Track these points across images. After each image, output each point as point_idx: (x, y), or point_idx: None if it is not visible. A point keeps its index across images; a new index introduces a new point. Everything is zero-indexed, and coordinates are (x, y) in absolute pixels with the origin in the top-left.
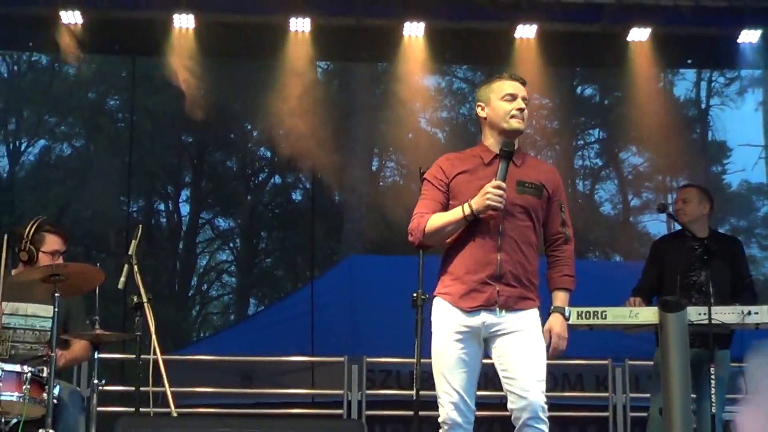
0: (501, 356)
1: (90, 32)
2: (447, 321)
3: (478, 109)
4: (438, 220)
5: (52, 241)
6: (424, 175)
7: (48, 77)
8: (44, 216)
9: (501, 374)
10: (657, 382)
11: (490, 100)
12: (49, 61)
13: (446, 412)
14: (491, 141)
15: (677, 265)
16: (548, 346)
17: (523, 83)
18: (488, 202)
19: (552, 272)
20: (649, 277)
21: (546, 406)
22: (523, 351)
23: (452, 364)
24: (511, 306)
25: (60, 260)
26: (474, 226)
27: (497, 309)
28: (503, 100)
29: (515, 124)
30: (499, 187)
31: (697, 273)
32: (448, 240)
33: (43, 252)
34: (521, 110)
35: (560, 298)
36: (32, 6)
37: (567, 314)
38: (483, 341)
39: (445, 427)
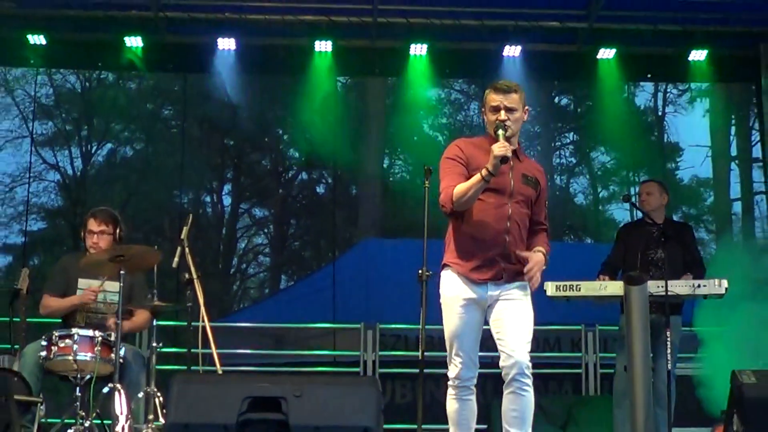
0: (496, 321)
1: (148, 53)
2: (456, 290)
3: (482, 113)
4: (462, 186)
5: (90, 223)
6: (444, 156)
7: (114, 91)
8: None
9: (495, 336)
10: (622, 344)
11: (484, 109)
12: (114, 78)
13: (457, 370)
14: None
15: (638, 245)
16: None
17: (507, 91)
18: (496, 153)
19: (534, 240)
20: (614, 256)
21: (530, 365)
22: (514, 317)
23: (461, 331)
24: (511, 280)
25: (98, 239)
26: (487, 208)
27: (503, 282)
28: (490, 112)
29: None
30: (503, 146)
31: (654, 251)
32: (463, 216)
33: (87, 233)
34: (503, 120)
35: (542, 249)
36: (100, 32)
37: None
38: (485, 310)
39: (456, 382)
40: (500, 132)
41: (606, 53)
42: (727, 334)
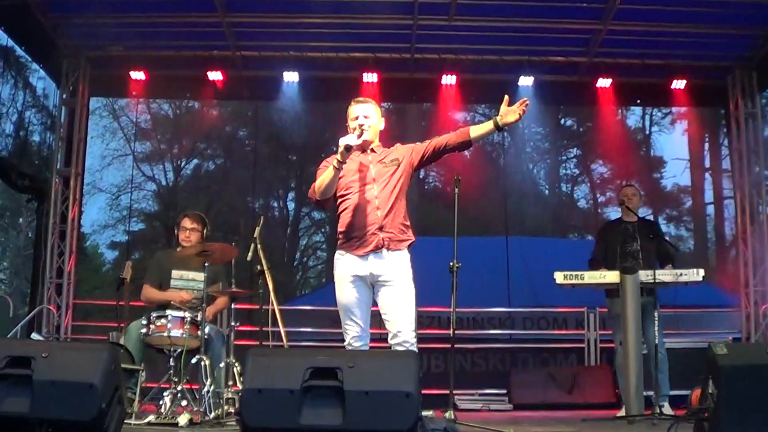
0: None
1: (227, 85)
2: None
3: (347, 126)
4: (320, 180)
5: (184, 222)
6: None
7: (199, 117)
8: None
9: None
10: (614, 323)
11: (348, 122)
12: (200, 105)
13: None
14: None
15: (616, 240)
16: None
17: (364, 102)
18: (341, 142)
19: (460, 133)
20: (598, 252)
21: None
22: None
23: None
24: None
25: (189, 234)
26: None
27: (383, 251)
28: (351, 121)
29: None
30: (345, 138)
31: (630, 245)
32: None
33: (180, 230)
34: (361, 125)
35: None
36: (189, 69)
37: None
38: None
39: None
40: (357, 132)
41: (603, 82)
42: None
